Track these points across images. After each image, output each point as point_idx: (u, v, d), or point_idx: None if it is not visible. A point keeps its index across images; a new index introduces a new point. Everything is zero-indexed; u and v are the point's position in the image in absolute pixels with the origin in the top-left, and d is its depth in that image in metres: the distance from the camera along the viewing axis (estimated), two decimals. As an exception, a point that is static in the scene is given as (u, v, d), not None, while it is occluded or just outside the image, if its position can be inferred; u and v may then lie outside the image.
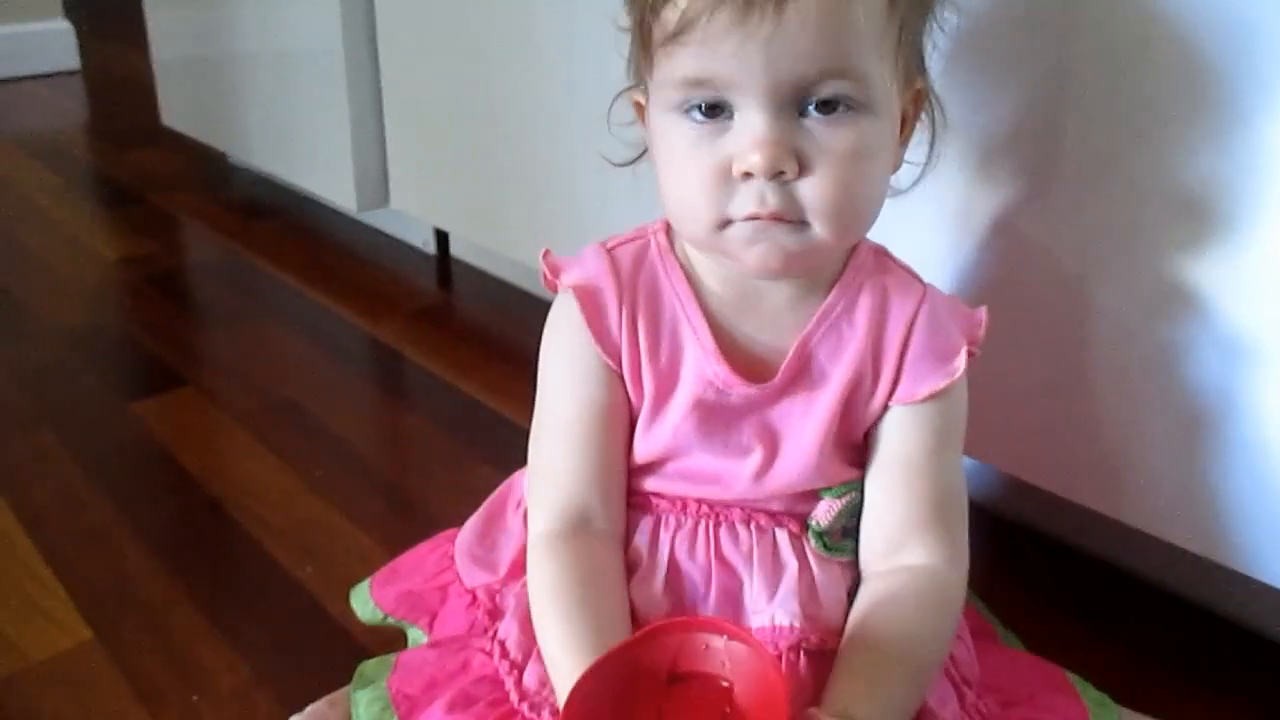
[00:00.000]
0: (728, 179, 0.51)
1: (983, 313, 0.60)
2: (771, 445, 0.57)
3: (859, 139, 0.51)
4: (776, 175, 0.50)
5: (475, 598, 0.66)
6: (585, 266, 0.59)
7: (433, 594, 0.69)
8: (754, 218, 0.51)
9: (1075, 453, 0.72)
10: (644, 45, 0.53)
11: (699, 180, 0.52)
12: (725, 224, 0.52)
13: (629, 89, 0.59)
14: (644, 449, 0.59)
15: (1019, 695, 0.60)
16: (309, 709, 0.62)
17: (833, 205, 0.51)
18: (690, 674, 0.49)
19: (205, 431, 1.05)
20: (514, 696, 0.55)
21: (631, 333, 0.57)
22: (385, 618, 0.70)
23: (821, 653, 0.54)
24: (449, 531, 0.73)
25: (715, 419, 0.57)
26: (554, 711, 0.53)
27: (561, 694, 0.52)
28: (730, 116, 0.51)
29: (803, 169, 0.51)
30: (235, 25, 1.54)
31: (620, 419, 0.58)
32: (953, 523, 0.57)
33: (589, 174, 1.03)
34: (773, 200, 0.51)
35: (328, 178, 1.43)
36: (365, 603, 0.71)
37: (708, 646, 0.49)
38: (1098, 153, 0.65)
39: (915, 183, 0.61)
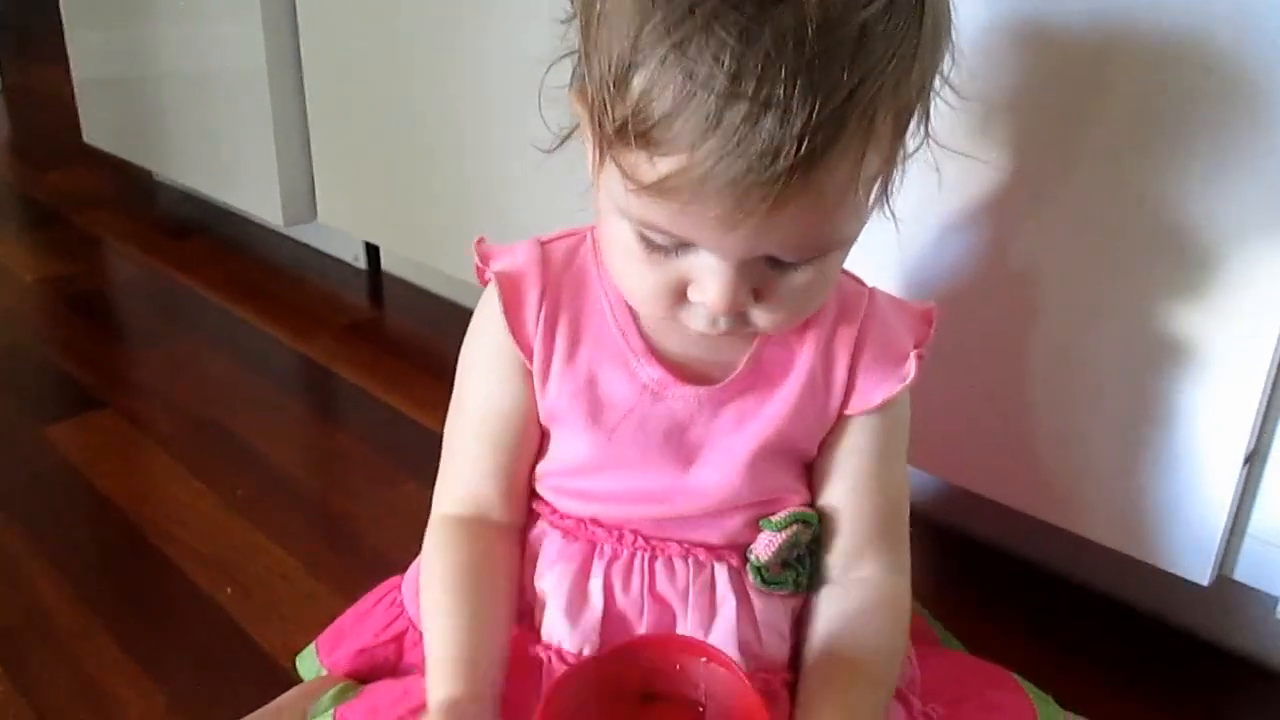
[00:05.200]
0: (681, 295, 0.49)
1: (932, 308, 0.58)
2: (714, 453, 0.55)
3: (822, 272, 0.48)
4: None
5: None
6: (515, 256, 0.57)
7: (386, 647, 0.65)
8: (704, 331, 0.50)
9: (1015, 460, 0.72)
10: (599, 142, 0.46)
11: (650, 290, 0.49)
12: (673, 315, 0.51)
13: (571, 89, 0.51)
14: (565, 455, 0.57)
15: (965, 692, 0.60)
16: None
17: (786, 325, 0.51)
18: (664, 694, 0.48)
19: (123, 454, 1.02)
20: None
21: (549, 330, 0.55)
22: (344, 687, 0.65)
23: (766, 692, 0.53)
24: (389, 580, 0.68)
25: (651, 426, 0.55)
26: None
27: (430, 673, 0.52)
28: (691, 247, 0.47)
29: (758, 297, 0.48)
30: (158, 42, 1.51)
31: (530, 418, 0.57)
32: (899, 531, 0.58)
33: (519, 185, 1.02)
34: (725, 325, 0.49)
35: (254, 193, 1.40)
36: (315, 671, 0.67)
37: (681, 667, 0.48)
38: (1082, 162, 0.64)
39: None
